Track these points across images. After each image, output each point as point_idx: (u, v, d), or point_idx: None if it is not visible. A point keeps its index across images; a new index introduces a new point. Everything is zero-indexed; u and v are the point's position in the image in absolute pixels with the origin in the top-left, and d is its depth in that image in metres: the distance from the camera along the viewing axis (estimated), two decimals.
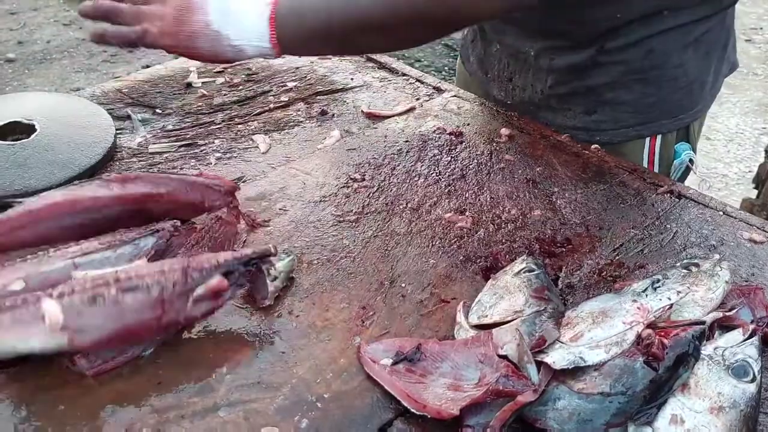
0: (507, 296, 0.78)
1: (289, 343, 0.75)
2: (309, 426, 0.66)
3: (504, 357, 0.69)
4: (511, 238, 0.91)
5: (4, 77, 3.32)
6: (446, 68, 3.56)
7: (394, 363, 0.72)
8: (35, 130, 1.05)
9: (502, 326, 0.74)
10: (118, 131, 1.10)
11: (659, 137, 1.12)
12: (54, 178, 0.99)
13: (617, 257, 0.88)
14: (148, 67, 3.32)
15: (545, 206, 0.97)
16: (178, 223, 0.83)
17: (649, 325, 0.69)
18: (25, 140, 1.03)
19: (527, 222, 0.94)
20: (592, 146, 1.08)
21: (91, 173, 1.02)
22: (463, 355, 0.72)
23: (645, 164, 1.13)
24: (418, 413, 0.66)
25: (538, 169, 1.04)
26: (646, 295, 0.74)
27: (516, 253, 0.88)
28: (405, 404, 0.67)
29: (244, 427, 0.66)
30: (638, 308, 0.72)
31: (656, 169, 1.14)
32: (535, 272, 0.80)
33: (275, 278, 0.80)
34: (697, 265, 0.79)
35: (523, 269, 0.81)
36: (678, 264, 0.80)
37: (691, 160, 1.13)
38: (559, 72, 1.11)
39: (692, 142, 1.16)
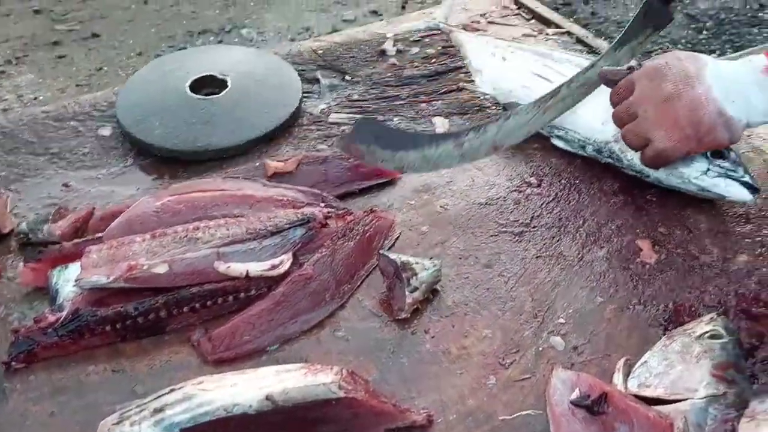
0: (680, 365, 0.65)
1: (416, 367, 0.69)
2: None
3: None
4: (704, 286, 0.76)
5: (246, 9, 3.51)
6: (683, 41, 3.18)
7: (575, 404, 0.63)
8: (227, 86, 1.07)
9: (667, 405, 0.62)
10: (305, 95, 1.08)
11: None
12: (234, 138, 0.99)
13: None
14: (375, 12, 3.29)
15: (755, 251, 0.80)
16: (329, 211, 0.80)
17: None
18: (215, 96, 1.05)
19: (728, 268, 0.78)
20: None
21: (271, 137, 1.01)
22: (644, 427, 0.61)
23: None
24: None
25: (757, 201, 0.86)
26: None
27: (705, 308, 0.73)
28: None
29: None
30: None
31: None
32: (723, 340, 0.66)
33: (415, 289, 0.73)
34: None
35: (708, 333, 0.67)
36: None
37: None
38: None
39: None
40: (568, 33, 1.19)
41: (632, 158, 0.86)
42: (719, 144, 0.81)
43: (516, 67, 1.00)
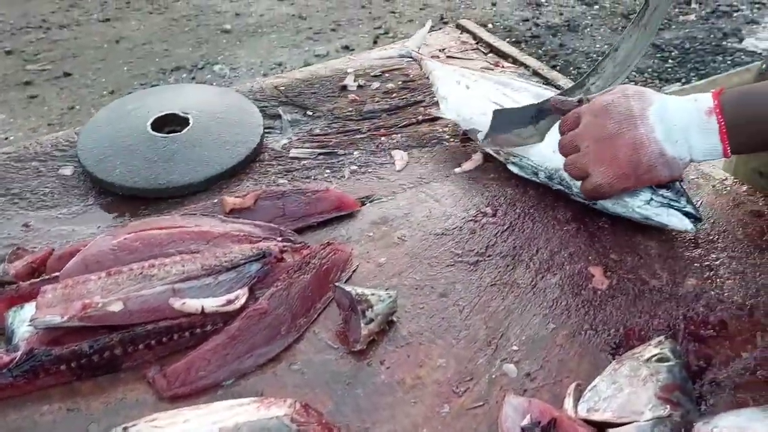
0: (628, 389, 0.66)
1: (371, 398, 0.70)
2: None
3: None
4: (653, 310, 0.78)
5: (218, 46, 3.55)
6: (649, 70, 3.26)
7: (525, 430, 0.63)
8: (189, 124, 1.08)
9: (615, 428, 0.63)
10: (267, 130, 1.10)
11: None
12: (195, 175, 1.00)
13: None
14: (347, 47, 3.35)
15: (703, 275, 0.82)
16: (285, 246, 0.80)
17: None
18: (176, 134, 1.06)
19: (677, 292, 0.80)
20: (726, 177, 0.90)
21: (232, 173, 1.02)
22: None
23: None
24: None
25: (705, 226, 0.88)
26: None
27: (654, 332, 0.75)
28: None
29: None
30: None
31: None
32: (670, 363, 0.67)
33: (371, 321, 0.74)
34: None
35: (655, 356, 0.69)
36: None
37: None
38: None
39: None
40: (525, 65, 1.22)
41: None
42: (659, 181, 0.83)
43: (478, 96, 1.03)
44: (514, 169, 0.95)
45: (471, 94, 1.03)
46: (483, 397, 0.70)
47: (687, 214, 0.84)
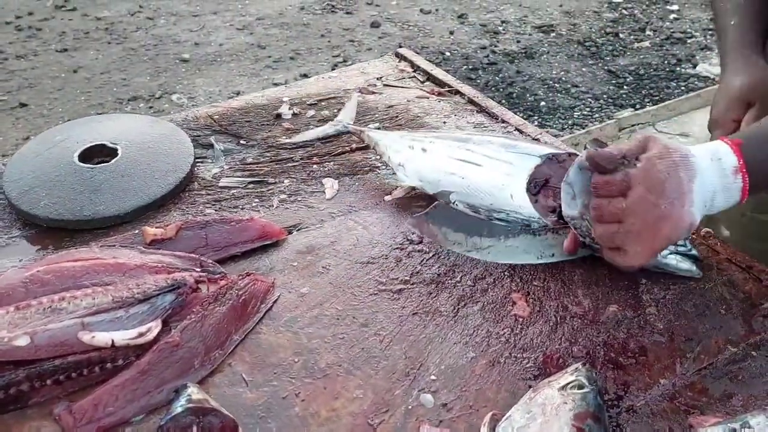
0: (541, 418, 0.65)
1: None
2: None
3: None
4: (573, 337, 0.77)
5: (177, 76, 3.54)
6: (605, 96, 3.31)
7: None
8: (117, 154, 1.06)
9: None
10: (198, 160, 1.09)
11: None
12: (122, 206, 0.99)
13: (701, 381, 0.72)
14: (306, 76, 3.36)
15: (626, 302, 0.82)
16: (200, 276, 0.79)
17: None
18: (104, 165, 1.05)
19: (598, 319, 0.80)
20: (703, 230, 0.91)
21: (161, 203, 1.01)
22: None
23: None
24: None
25: None
26: None
27: (573, 359, 0.74)
28: None
29: None
30: None
31: None
32: (585, 390, 0.67)
33: None
34: None
35: (571, 383, 0.68)
36: None
37: None
38: None
39: None
40: (460, 93, 1.22)
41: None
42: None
43: (438, 157, 0.96)
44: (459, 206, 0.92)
45: (430, 156, 0.97)
46: (398, 428, 0.68)
47: (692, 257, 0.84)
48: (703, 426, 0.66)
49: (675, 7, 4.20)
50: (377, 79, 1.28)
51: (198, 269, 0.82)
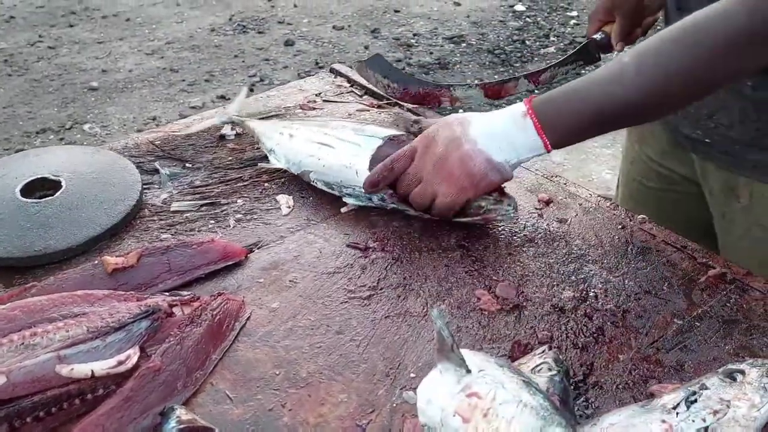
0: None
1: None
2: None
3: None
4: (537, 324, 0.82)
5: (87, 105, 3.44)
6: (518, 100, 3.45)
7: None
8: (61, 187, 1.05)
9: None
10: (145, 186, 1.08)
11: None
12: (74, 238, 0.97)
13: (655, 354, 0.78)
14: (223, 97, 3.32)
15: (579, 286, 0.88)
16: (174, 300, 0.79)
17: None
18: (49, 198, 1.03)
19: (557, 304, 0.85)
20: (639, 217, 0.98)
21: (113, 232, 1.00)
22: None
23: None
24: None
25: (577, 242, 0.95)
26: (677, 414, 0.64)
27: (539, 344, 0.79)
28: None
29: None
30: (666, 431, 0.62)
31: None
32: (552, 372, 0.71)
33: None
34: (743, 372, 0.68)
35: (538, 366, 0.73)
36: (720, 370, 0.69)
37: None
38: None
39: None
40: (399, 105, 1.27)
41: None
42: (495, 185, 0.93)
43: (302, 140, 1.07)
44: (350, 201, 1.01)
45: (295, 141, 1.08)
46: (386, 426, 0.71)
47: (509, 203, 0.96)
48: (663, 392, 0.71)
49: (574, 14, 4.42)
50: (316, 95, 1.31)
51: (166, 293, 0.83)
